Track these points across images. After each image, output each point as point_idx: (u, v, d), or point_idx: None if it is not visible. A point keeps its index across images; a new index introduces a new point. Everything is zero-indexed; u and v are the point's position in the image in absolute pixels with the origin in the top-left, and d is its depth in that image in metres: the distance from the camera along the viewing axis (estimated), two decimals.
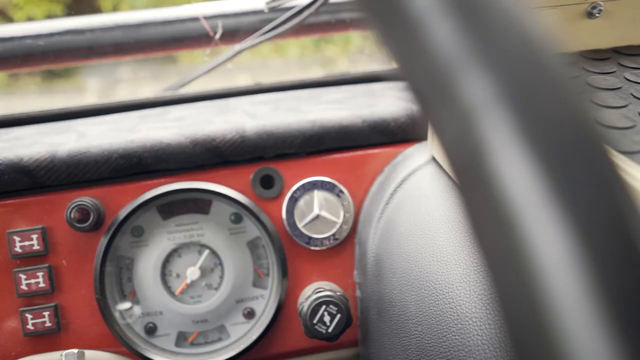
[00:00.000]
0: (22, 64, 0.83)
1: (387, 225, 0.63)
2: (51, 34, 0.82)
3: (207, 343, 0.68)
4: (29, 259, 0.64)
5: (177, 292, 0.67)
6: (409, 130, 0.69)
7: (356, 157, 0.69)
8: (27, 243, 0.63)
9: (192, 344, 0.68)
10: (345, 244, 0.69)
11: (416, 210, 0.60)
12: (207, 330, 0.68)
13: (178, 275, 0.67)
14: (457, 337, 0.48)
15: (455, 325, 0.48)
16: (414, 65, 0.16)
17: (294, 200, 0.67)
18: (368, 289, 0.64)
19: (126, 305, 0.67)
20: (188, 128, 0.67)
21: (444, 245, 0.54)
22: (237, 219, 0.68)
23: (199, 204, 0.67)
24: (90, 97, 3.15)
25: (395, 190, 0.64)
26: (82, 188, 0.65)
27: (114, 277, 0.66)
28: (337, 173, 0.68)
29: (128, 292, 0.67)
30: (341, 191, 0.67)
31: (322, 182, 0.67)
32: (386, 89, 0.79)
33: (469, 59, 0.14)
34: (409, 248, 0.58)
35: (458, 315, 0.48)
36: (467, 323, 0.47)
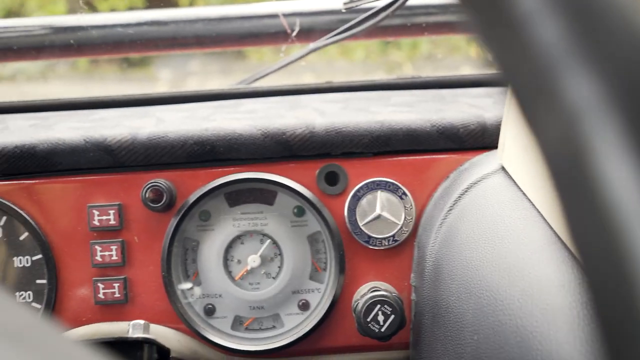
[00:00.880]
0: (108, 51, 0.89)
1: (449, 231, 0.62)
2: (136, 24, 0.87)
3: (261, 329, 0.70)
4: (105, 233, 0.68)
5: (237, 277, 0.69)
6: (478, 137, 0.68)
7: (422, 161, 0.69)
8: (104, 217, 0.67)
9: (247, 329, 0.70)
10: (404, 246, 0.69)
11: (481, 219, 0.59)
12: (263, 317, 0.70)
13: (239, 262, 0.70)
14: (515, 350, 0.47)
15: (514, 338, 0.47)
16: (518, 65, 0.16)
17: (356, 198, 0.68)
18: (424, 293, 0.64)
19: (188, 285, 0.70)
20: (260, 120, 0.70)
21: (508, 257, 0.53)
22: (300, 212, 0.70)
23: (264, 194, 0.70)
24: (162, 87, 3.28)
25: (460, 197, 0.63)
26: (158, 170, 0.69)
27: (179, 257, 0.69)
28: (402, 175, 0.69)
29: (191, 272, 0.70)
30: (404, 193, 0.68)
31: (386, 182, 0.68)
32: (457, 95, 0.79)
33: (577, 60, 0.14)
34: (470, 256, 0.57)
35: (518, 328, 0.47)
36: (527, 337, 0.46)
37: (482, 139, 0.68)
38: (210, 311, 0.70)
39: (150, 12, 0.90)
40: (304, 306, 0.70)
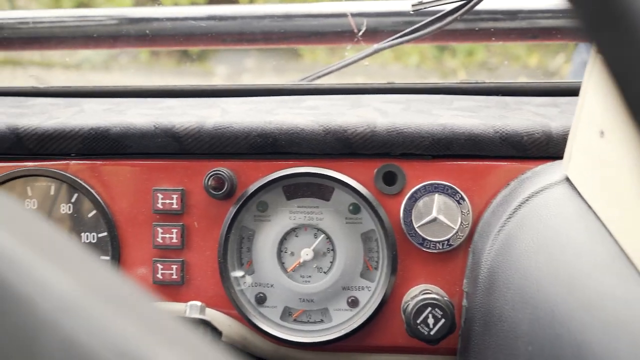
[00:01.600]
0: (175, 43, 0.92)
1: (506, 240, 0.62)
2: (203, 18, 0.90)
3: (309, 322, 0.71)
4: (167, 216, 0.71)
5: (289, 269, 0.71)
6: (542, 146, 0.67)
7: (482, 167, 0.69)
8: (167, 201, 0.70)
9: (296, 321, 0.71)
10: (458, 251, 0.68)
11: (542, 229, 0.58)
12: (312, 310, 0.71)
13: (292, 254, 0.71)
14: None
15: (571, 352, 0.46)
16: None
17: (413, 199, 0.68)
18: (476, 300, 0.64)
19: (241, 272, 0.72)
20: (322, 117, 0.71)
21: (569, 269, 0.52)
22: (355, 209, 0.70)
23: (321, 189, 0.71)
24: (217, 82, 3.36)
25: (520, 206, 0.62)
26: (220, 159, 0.71)
27: (235, 245, 0.71)
28: (461, 180, 0.68)
29: (245, 261, 0.72)
30: (462, 198, 0.67)
31: (444, 186, 0.67)
32: (521, 103, 0.77)
33: None
34: (528, 265, 0.56)
35: (576, 342, 0.46)
36: (585, 351, 0.45)
37: (547, 148, 0.67)
38: (261, 300, 0.71)
39: (218, 7, 0.92)
40: (353, 303, 0.71)
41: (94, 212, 0.72)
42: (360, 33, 0.80)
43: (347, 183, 0.68)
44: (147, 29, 0.86)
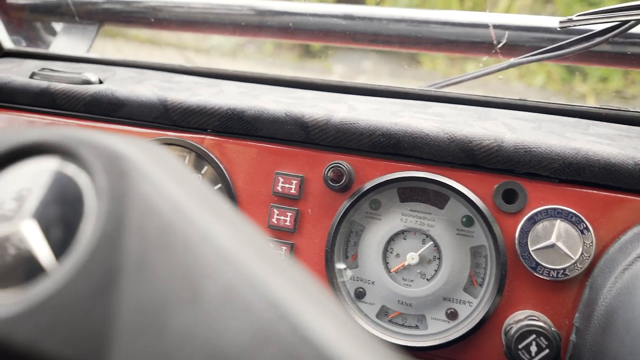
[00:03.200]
0: (309, 37, 0.96)
1: (632, 280, 0.57)
2: (339, 16, 0.93)
3: (404, 326, 0.72)
4: (284, 199, 0.75)
5: (392, 270, 0.72)
6: None
7: (614, 199, 0.64)
8: (287, 185, 0.74)
9: (391, 322, 0.72)
10: (573, 282, 0.65)
11: None
12: (408, 314, 0.71)
13: (398, 255, 0.72)
14: None
15: None
16: None
17: (532, 221, 0.65)
18: (587, 338, 0.60)
19: (343, 265, 0.74)
20: (447, 125, 0.71)
21: None
22: (469, 222, 0.69)
23: (437, 196, 0.71)
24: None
25: None
26: (342, 153, 0.73)
27: (343, 237, 0.74)
28: (588, 209, 0.65)
29: (350, 254, 0.74)
30: (587, 228, 0.64)
31: (569, 213, 0.64)
32: None
33: None
34: None
35: None
36: None
37: None
38: (360, 295, 0.73)
39: (356, 7, 0.95)
40: (452, 315, 0.70)
41: (219, 185, 0.78)
42: (500, 45, 0.79)
43: (464, 194, 0.68)
44: (289, 22, 0.91)
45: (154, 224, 0.29)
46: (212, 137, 0.78)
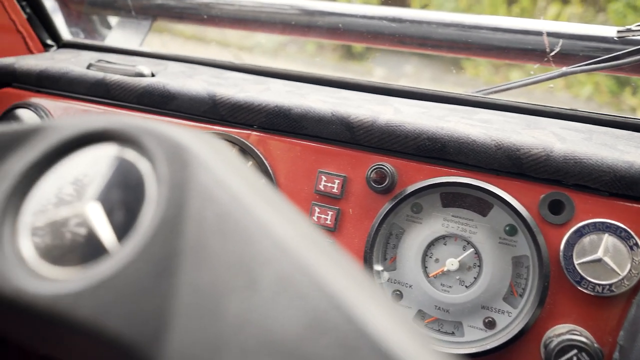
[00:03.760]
0: (356, 39, 0.97)
1: None
2: (389, 19, 0.93)
3: (440, 331, 0.71)
4: (326, 198, 0.75)
5: (431, 275, 0.71)
6: None
7: None
8: (329, 184, 0.75)
9: (427, 326, 0.72)
10: (619, 299, 0.63)
11: None
12: (445, 321, 0.71)
13: (437, 260, 0.71)
14: None
15: None
16: None
17: (579, 234, 0.64)
18: (632, 357, 0.58)
19: (380, 267, 0.74)
20: (494, 132, 0.70)
21: None
22: (512, 231, 0.68)
23: (480, 203, 0.70)
24: None
25: None
26: (386, 155, 0.74)
27: (383, 239, 0.74)
28: (638, 225, 0.63)
29: (389, 257, 0.74)
30: (637, 244, 0.62)
31: (619, 228, 0.63)
32: None
33: None
34: None
35: None
36: None
37: None
38: (396, 297, 0.73)
39: (405, 10, 0.95)
40: (490, 324, 0.69)
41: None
42: (553, 53, 0.77)
43: (509, 203, 0.67)
44: (339, 23, 0.92)
45: (213, 212, 0.31)
46: (258, 133, 0.79)
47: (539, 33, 0.78)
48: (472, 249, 0.70)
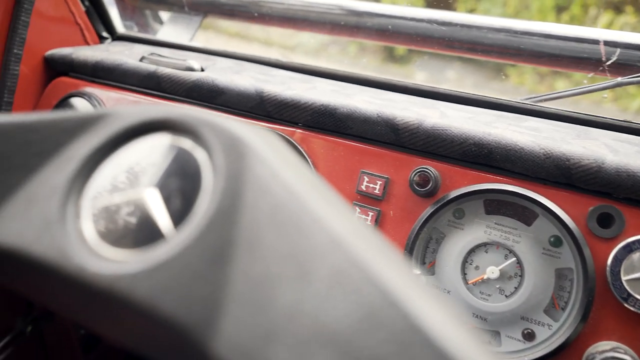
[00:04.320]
0: (405, 41, 0.96)
1: None
2: (438, 22, 0.92)
3: None
4: (367, 199, 0.75)
5: (470, 282, 0.70)
6: None
7: None
8: (371, 185, 0.75)
9: None
10: None
11: None
12: (482, 329, 0.70)
13: (477, 268, 0.70)
14: None
15: None
16: None
17: (628, 250, 0.62)
18: None
19: (419, 271, 0.73)
20: (544, 140, 0.68)
21: None
22: (557, 242, 0.67)
23: (525, 212, 0.69)
24: None
25: None
26: (430, 158, 0.73)
27: (423, 243, 0.73)
28: None
29: (428, 261, 0.73)
30: None
31: None
32: None
33: None
34: None
35: None
36: None
37: None
38: None
39: (456, 14, 0.94)
40: (529, 336, 0.68)
41: None
42: (609, 62, 0.75)
43: (556, 213, 0.65)
44: (389, 24, 0.92)
45: (268, 203, 0.31)
46: (302, 131, 0.80)
47: (595, 41, 0.76)
48: (514, 258, 0.68)
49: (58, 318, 1.04)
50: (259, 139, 0.35)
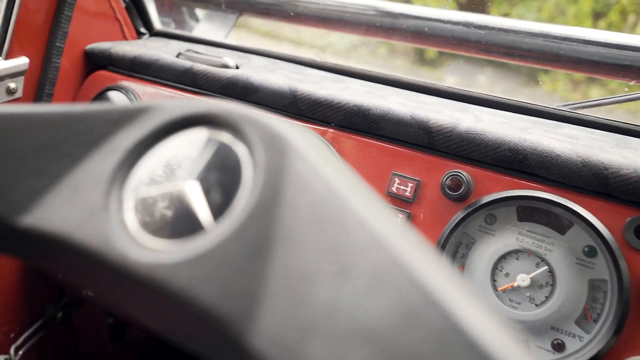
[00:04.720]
0: (444, 45, 0.96)
1: None
2: (475, 26, 0.91)
3: None
4: (397, 201, 0.75)
5: (499, 289, 0.69)
6: None
7: None
8: (402, 187, 0.74)
9: None
10: None
11: None
12: None
13: (507, 275, 0.69)
14: None
15: None
16: None
17: None
18: None
19: None
20: (581, 148, 0.67)
21: None
22: (591, 252, 0.66)
23: (559, 221, 0.67)
24: None
25: None
26: (463, 162, 0.72)
27: (453, 247, 0.73)
28: None
29: (457, 266, 0.73)
30: None
31: None
32: None
33: None
34: None
35: None
36: None
37: None
38: None
39: (492, 17, 0.93)
40: (559, 347, 0.66)
41: None
42: None
43: (591, 223, 0.64)
44: (425, 27, 0.92)
45: (307, 200, 0.31)
46: (335, 131, 0.80)
47: (637, 49, 0.74)
48: (546, 267, 0.67)
49: (88, 306, 1.07)
50: (299, 136, 0.35)
